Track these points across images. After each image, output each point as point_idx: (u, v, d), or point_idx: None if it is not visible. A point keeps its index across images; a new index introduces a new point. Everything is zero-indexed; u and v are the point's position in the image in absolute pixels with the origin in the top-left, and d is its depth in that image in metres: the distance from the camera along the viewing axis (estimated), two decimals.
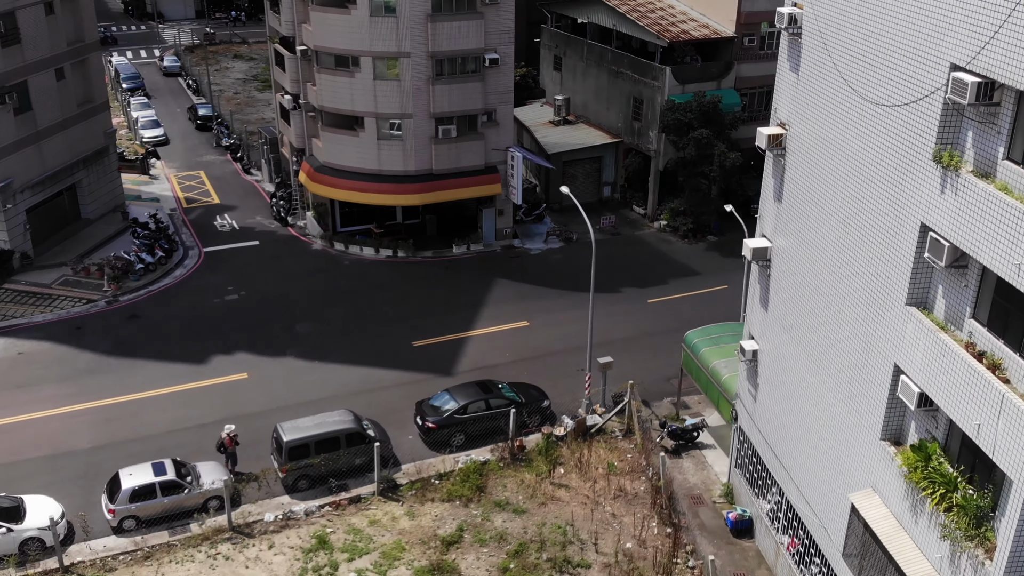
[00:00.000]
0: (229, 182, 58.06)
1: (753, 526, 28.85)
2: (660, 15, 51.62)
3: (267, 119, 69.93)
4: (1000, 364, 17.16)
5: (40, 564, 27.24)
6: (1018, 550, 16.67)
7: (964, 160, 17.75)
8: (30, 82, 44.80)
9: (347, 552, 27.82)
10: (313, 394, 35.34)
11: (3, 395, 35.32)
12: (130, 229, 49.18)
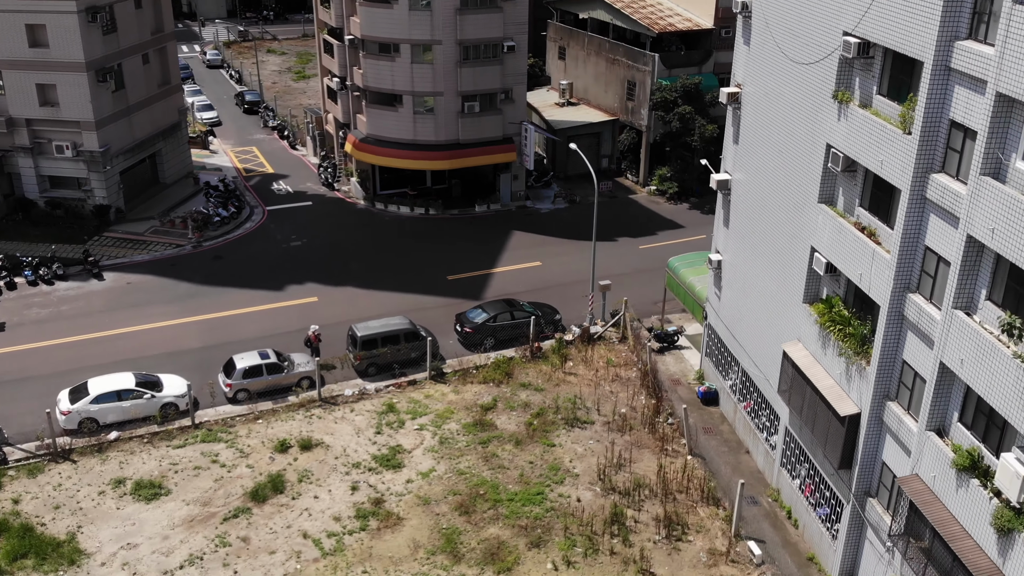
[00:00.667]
0: (279, 156, 65.89)
1: (718, 397, 36.81)
2: (650, 10, 59.53)
3: (304, 104, 77.78)
4: (874, 232, 25.10)
5: (176, 423, 35.11)
6: (886, 355, 24.58)
7: (852, 96, 25.68)
8: (124, 65, 52.62)
9: (410, 414, 35.73)
10: (371, 312, 43.10)
11: (122, 312, 43.15)
12: (203, 191, 57.03)
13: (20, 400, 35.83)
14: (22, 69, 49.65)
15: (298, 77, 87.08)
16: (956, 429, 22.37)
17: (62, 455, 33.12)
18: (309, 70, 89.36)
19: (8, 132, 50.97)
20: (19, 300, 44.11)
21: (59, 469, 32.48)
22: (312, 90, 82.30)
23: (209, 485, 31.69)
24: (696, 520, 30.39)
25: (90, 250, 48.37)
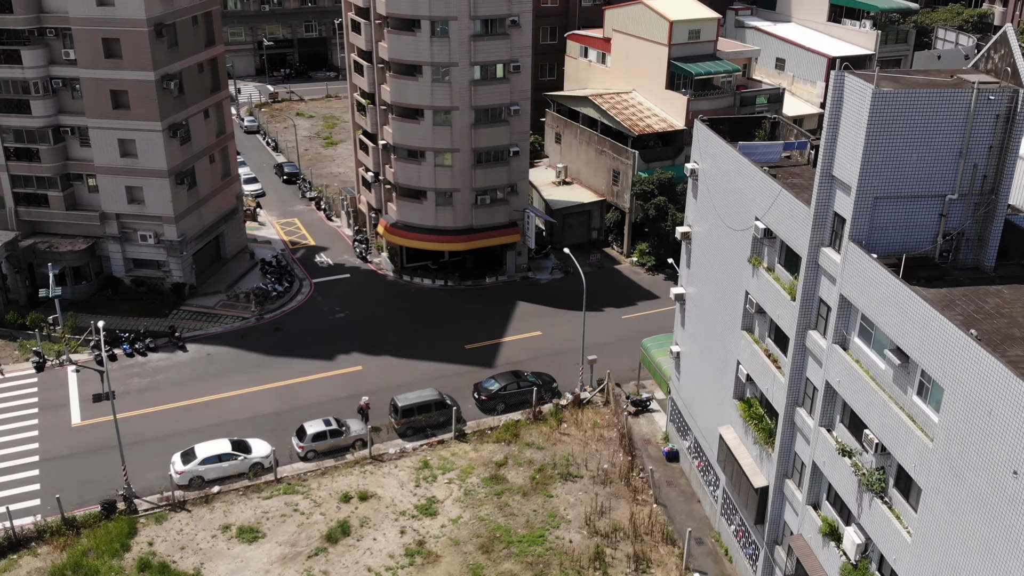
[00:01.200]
0: (318, 228, 75.74)
1: (679, 455, 46.69)
2: (632, 111, 69.41)
3: (334, 173, 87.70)
4: (776, 359, 34.98)
5: (263, 478, 44.96)
6: (784, 447, 34.39)
7: (762, 262, 35.55)
8: (196, 166, 62.46)
9: (440, 469, 45.59)
10: (406, 378, 52.94)
11: (206, 381, 52.99)
12: (259, 265, 66.89)
13: (138, 460, 45.53)
14: (115, 174, 59.50)
15: (327, 143, 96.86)
16: (825, 505, 32.28)
17: (179, 506, 42.97)
18: (336, 135, 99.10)
19: (101, 224, 60.83)
20: (121, 371, 53.91)
21: (178, 517, 42.34)
22: (340, 157, 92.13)
23: (293, 529, 41.55)
24: (657, 557, 40.25)
25: (175, 325, 58.20)
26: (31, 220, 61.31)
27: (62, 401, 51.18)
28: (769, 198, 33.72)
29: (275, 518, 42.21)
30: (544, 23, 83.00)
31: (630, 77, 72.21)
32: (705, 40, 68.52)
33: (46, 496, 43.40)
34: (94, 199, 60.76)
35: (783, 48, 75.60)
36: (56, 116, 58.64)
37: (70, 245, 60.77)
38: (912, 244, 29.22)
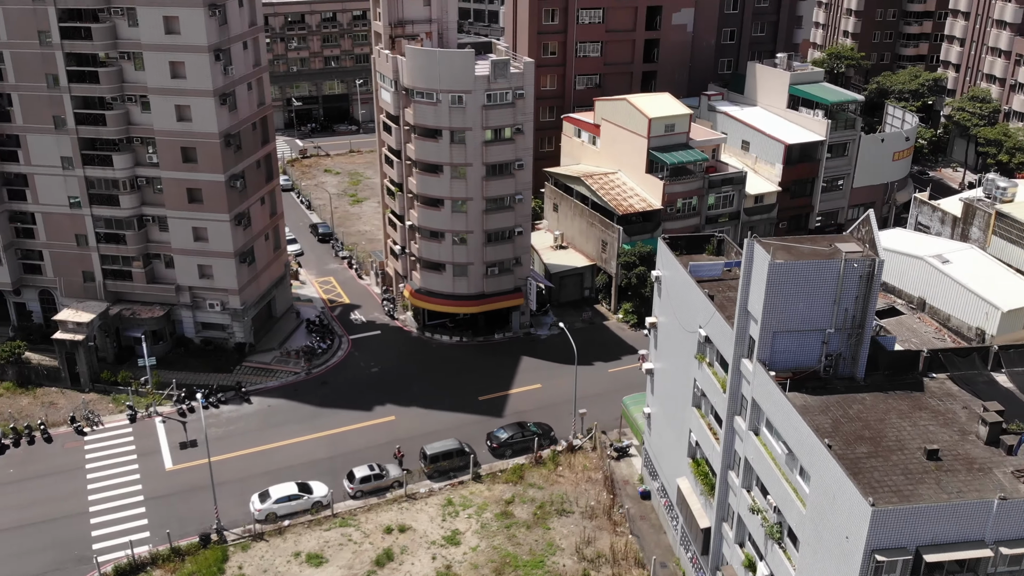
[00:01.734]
0: (350, 286, 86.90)
1: (651, 494, 57.77)
2: (617, 191, 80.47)
3: (361, 231, 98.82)
4: (715, 432, 46.02)
5: (322, 514, 56.06)
6: (721, 499, 45.42)
7: (705, 358, 46.61)
8: (255, 247, 73.63)
9: (462, 506, 56.68)
10: (431, 426, 63.99)
11: (270, 430, 64.09)
12: (304, 324, 78.04)
13: (222, 499, 56.51)
14: (188, 255, 70.66)
15: (353, 201, 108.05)
16: (747, 545, 43.37)
17: (259, 536, 54.14)
18: (360, 193, 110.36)
19: (176, 294, 72.01)
20: (197, 422, 65.02)
21: (259, 546, 53.49)
22: (365, 215, 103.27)
23: (349, 556, 52.68)
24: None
25: (240, 380, 69.38)
26: (117, 291, 72.51)
27: (155, 448, 62.39)
28: (707, 314, 44.79)
29: (334, 546, 53.34)
30: (544, 104, 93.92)
31: (616, 159, 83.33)
32: (679, 132, 79.60)
33: (154, 529, 54.59)
34: (170, 274, 71.92)
35: (748, 132, 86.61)
36: (140, 207, 69.84)
37: (149, 312, 71.95)
38: (803, 362, 40.25)
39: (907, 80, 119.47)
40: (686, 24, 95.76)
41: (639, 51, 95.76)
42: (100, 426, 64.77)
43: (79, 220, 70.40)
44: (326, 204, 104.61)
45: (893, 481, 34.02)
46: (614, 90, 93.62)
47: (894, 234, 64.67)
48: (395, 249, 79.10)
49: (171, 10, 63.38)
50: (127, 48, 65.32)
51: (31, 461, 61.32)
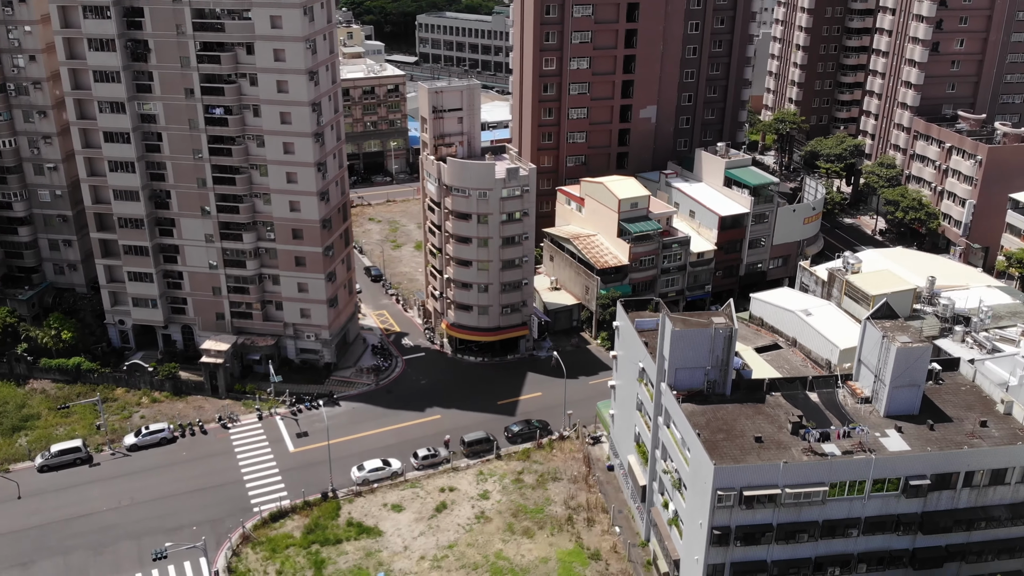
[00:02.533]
0: (399, 318, 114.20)
1: (614, 467, 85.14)
2: (596, 250, 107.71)
3: (403, 272, 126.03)
4: (649, 426, 73.36)
5: (399, 479, 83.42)
6: (651, 467, 72.76)
7: (643, 380, 73.94)
8: (339, 293, 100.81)
9: (489, 475, 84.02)
10: (466, 423, 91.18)
11: (356, 424, 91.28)
12: (370, 348, 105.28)
13: (331, 470, 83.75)
14: (294, 301, 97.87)
15: (394, 247, 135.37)
16: (665, 493, 70.74)
17: (358, 495, 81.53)
18: (399, 239, 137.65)
19: (283, 328, 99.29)
20: (305, 419, 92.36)
21: (359, 500, 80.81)
22: (404, 258, 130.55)
23: (418, 505, 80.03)
24: (599, 518, 78.65)
25: (332, 390, 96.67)
26: (240, 326, 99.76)
27: (279, 438, 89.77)
28: (643, 354, 72.09)
29: (408, 500, 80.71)
30: (543, 176, 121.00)
31: (595, 225, 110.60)
32: (641, 208, 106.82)
33: (289, 489, 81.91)
34: (279, 314, 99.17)
35: (693, 204, 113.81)
36: (260, 269, 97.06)
37: (264, 341, 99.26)
38: (693, 385, 67.45)
39: (834, 145, 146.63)
40: (650, 117, 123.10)
41: (615, 137, 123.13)
42: (238, 423, 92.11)
43: (216, 277, 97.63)
44: (373, 248, 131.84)
45: (732, 453, 61.31)
46: (596, 166, 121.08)
47: (783, 291, 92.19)
48: (435, 293, 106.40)
49: (287, 126, 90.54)
50: (255, 161, 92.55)
51: (196, 447, 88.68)
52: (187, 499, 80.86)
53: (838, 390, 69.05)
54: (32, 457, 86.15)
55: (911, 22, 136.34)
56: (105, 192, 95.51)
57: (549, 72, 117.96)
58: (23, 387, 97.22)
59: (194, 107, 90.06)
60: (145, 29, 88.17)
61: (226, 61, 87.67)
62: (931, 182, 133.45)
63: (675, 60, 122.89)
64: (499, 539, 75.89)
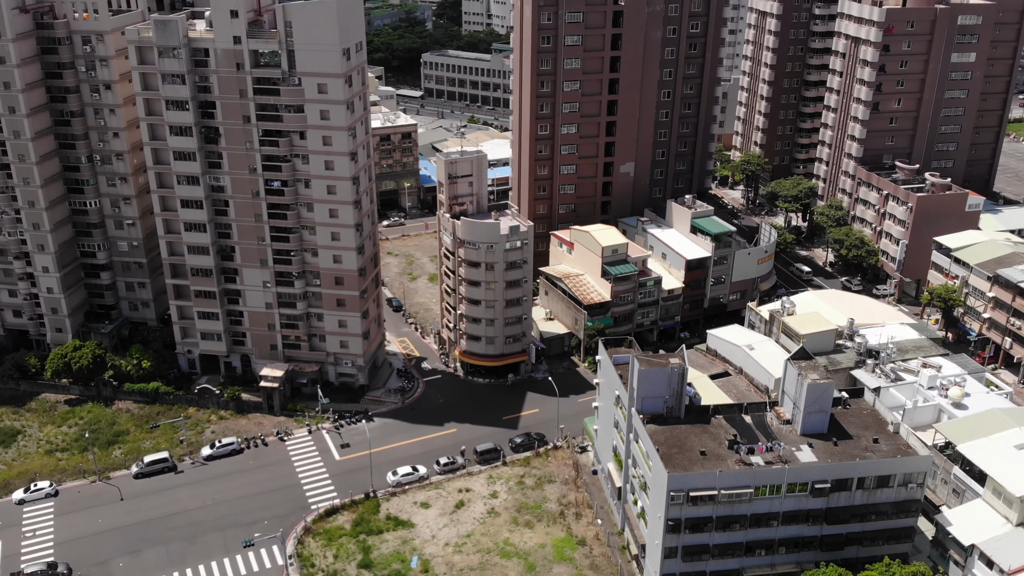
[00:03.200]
0: (418, 344, 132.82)
1: (598, 472, 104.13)
2: (584, 288, 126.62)
3: (419, 302, 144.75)
4: (624, 440, 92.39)
5: (424, 482, 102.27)
6: (626, 472, 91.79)
7: (619, 404, 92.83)
8: (370, 327, 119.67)
9: (497, 478, 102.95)
10: (477, 436, 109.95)
11: (388, 437, 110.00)
12: (395, 372, 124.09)
13: (373, 476, 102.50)
14: (334, 335, 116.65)
15: (411, 279, 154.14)
16: (635, 493, 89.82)
17: (392, 495, 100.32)
18: (414, 272, 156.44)
19: (326, 357, 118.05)
20: (347, 432, 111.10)
21: (395, 499, 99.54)
22: (420, 290, 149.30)
23: (441, 503, 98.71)
24: (584, 513, 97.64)
25: (367, 407, 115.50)
26: (290, 355, 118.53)
27: (327, 448, 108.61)
28: (618, 383, 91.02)
29: (433, 498, 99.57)
30: (539, 222, 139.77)
31: (583, 266, 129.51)
32: (621, 253, 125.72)
33: (339, 491, 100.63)
34: (323, 345, 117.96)
35: (665, 248, 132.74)
36: (308, 308, 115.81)
37: (310, 367, 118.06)
38: (655, 410, 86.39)
39: (791, 187, 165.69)
40: (629, 172, 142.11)
41: (599, 188, 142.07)
42: (292, 436, 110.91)
43: (271, 316, 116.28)
44: (392, 280, 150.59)
45: (683, 464, 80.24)
46: (584, 213, 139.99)
47: (734, 328, 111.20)
48: (449, 325, 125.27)
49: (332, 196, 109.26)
50: (306, 223, 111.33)
51: (260, 457, 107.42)
52: (257, 499, 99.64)
53: (767, 413, 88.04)
54: (127, 466, 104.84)
55: (855, 84, 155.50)
56: (179, 246, 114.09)
57: (543, 136, 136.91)
58: (111, 407, 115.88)
59: (256, 181, 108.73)
60: (216, 118, 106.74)
61: (283, 145, 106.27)
62: (872, 223, 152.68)
63: (650, 122, 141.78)
64: (506, 529, 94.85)
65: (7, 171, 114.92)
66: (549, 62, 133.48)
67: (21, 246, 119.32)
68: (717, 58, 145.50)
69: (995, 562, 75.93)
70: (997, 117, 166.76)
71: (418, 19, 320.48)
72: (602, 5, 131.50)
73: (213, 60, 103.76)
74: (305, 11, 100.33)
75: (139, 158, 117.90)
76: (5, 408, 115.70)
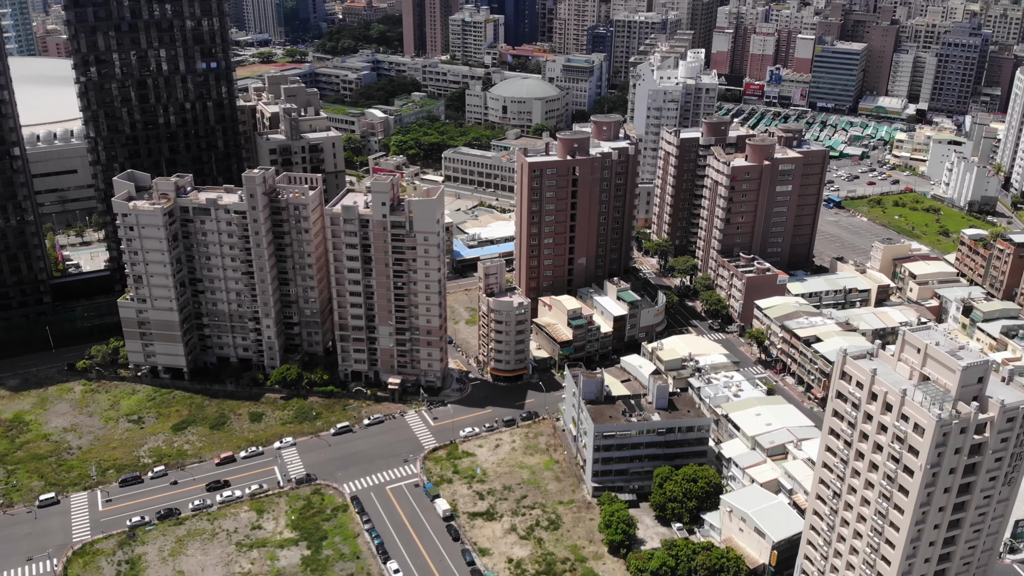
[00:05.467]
0: (465, 363, 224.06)
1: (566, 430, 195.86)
2: (557, 331, 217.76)
3: (462, 338, 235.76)
4: (581, 415, 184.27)
5: (476, 436, 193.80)
6: (579, 428, 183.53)
7: (575, 407, 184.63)
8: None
9: (515, 434, 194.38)
10: (502, 413, 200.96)
11: (458, 413, 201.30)
12: (455, 379, 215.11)
13: (453, 433, 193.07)
14: (425, 359, 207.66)
15: (455, 323, 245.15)
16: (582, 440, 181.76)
17: (463, 442, 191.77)
18: (455, 318, 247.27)
19: (421, 372, 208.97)
20: (435, 411, 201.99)
21: (463, 444, 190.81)
22: (462, 330, 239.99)
23: (488, 446, 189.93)
24: (557, 449, 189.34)
25: (444, 399, 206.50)
26: (401, 371, 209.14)
27: (426, 420, 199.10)
28: (573, 386, 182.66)
29: (483, 443, 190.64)
30: (530, 291, 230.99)
31: (557, 318, 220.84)
32: (577, 312, 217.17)
33: (437, 439, 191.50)
34: (419, 364, 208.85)
35: (602, 307, 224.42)
36: (411, 345, 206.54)
37: (412, 377, 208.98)
38: (591, 398, 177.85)
39: (683, 263, 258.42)
40: (583, 261, 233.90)
41: (566, 272, 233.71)
42: (407, 414, 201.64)
43: (392, 349, 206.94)
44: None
45: (602, 421, 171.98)
46: (557, 286, 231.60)
47: (634, 356, 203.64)
48: (484, 353, 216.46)
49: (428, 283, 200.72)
50: (412, 304, 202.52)
51: (392, 424, 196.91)
52: (397, 445, 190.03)
53: (642, 399, 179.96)
54: (326, 430, 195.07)
55: (715, 207, 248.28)
56: (345, 313, 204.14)
57: (534, 244, 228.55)
58: (307, 400, 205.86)
59: (389, 281, 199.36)
60: (370, 250, 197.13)
61: (403, 264, 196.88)
62: (725, 289, 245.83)
63: (595, 234, 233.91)
64: (520, 456, 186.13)
65: (250, 274, 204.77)
66: (537, 203, 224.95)
67: (254, 313, 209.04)
68: (633, 195, 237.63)
69: (739, 465, 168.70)
70: (811, 218, 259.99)
71: (435, 115, 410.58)
72: (566, 175, 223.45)
73: (371, 225, 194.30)
74: (419, 204, 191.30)
75: (319, 265, 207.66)
76: (249, 402, 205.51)
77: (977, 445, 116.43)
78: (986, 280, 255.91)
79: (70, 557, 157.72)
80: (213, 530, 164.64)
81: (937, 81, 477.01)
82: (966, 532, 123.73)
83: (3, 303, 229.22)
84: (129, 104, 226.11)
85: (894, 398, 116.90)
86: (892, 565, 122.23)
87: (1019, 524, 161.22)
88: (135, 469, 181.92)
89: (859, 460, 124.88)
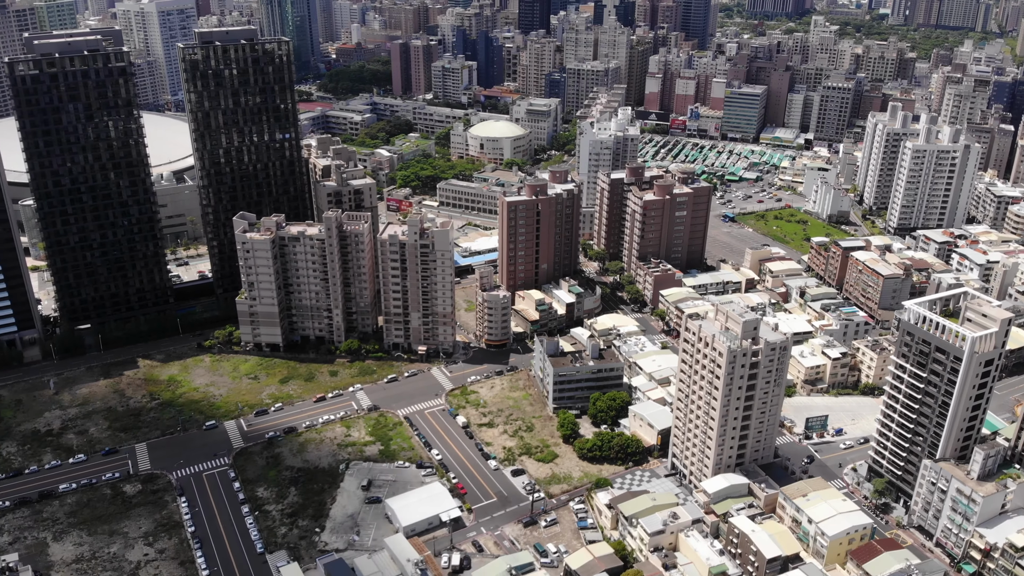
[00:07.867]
0: (467, 337, 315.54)
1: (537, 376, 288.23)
2: (529, 314, 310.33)
3: (463, 320, 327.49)
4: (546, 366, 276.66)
5: (481, 380, 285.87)
6: (543, 374, 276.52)
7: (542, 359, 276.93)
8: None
9: (505, 379, 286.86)
10: (495, 368, 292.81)
11: (464, 368, 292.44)
12: (462, 347, 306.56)
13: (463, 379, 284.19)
14: (441, 333, 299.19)
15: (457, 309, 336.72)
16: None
17: (471, 384, 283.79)
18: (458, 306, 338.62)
19: (439, 342, 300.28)
20: (450, 367, 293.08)
21: (472, 385, 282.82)
22: (462, 315, 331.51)
23: (490, 385, 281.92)
24: (531, 388, 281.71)
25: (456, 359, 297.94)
26: (425, 340, 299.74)
27: (445, 373, 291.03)
28: (540, 347, 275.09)
29: (483, 385, 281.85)
30: (510, 289, 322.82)
31: (528, 306, 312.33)
32: (541, 301, 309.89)
33: (453, 384, 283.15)
34: (438, 336, 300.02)
35: (556, 298, 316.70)
36: (433, 323, 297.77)
37: (433, 345, 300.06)
38: (552, 354, 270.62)
39: (614, 267, 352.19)
40: (546, 266, 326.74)
41: (533, 273, 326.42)
42: (431, 370, 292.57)
43: (420, 327, 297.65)
44: None
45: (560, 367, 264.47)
46: (528, 282, 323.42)
47: (578, 330, 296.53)
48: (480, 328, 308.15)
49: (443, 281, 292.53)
50: (431, 296, 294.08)
51: (423, 376, 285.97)
52: (428, 388, 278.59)
53: (585, 354, 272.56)
54: (382, 379, 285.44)
55: (634, 227, 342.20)
56: (389, 303, 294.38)
57: (511, 257, 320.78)
58: (365, 362, 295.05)
59: (418, 280, 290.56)
60: (405, 255, 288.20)
61: (426, 271, 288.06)
62: (641, 284, 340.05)
63: (553, 246, 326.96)
64: (507, 392, 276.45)
65: (325, 280, 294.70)
66: (513, 228, 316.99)
67: (327, 305, 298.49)
68: (579, 220, 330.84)
69: (642, 390, 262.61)
70: (702, 233, 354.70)
71: (428, 152, 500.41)
72: (533, 208, 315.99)
73: (406, 246, 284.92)
74: (438, 233, 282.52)
75: (370, 273, 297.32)
76: (327, 365, 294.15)
77: (755, 363, 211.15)
78: (827, 274, 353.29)
79: (236, 455, 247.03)
80: (320, 438, 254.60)
81: (820, 116, 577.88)
82: (755, 415, 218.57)
83: (142, 303, 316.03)
84: (231, 163, 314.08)
85: (709, 339, 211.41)
86: (713, 440, 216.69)
87: (809, 420, 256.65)
88: (262, 406, 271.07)
89: (695, 376, 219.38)
